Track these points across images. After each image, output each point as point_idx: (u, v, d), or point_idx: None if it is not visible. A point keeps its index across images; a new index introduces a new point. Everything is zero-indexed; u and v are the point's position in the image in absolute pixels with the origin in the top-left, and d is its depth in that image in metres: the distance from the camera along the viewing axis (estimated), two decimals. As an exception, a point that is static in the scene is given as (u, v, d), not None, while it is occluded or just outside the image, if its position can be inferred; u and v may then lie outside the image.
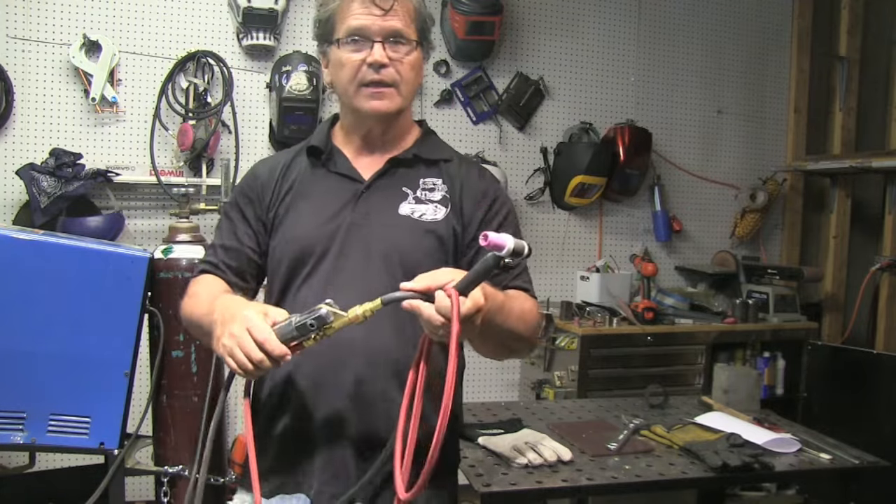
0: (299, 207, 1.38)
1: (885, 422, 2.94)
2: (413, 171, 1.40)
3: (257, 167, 1.47)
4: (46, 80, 2.96)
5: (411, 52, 1.34)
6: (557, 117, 3.66)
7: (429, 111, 3.45)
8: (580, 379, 3.10)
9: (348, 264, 1.33)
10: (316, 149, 1.42)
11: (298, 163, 1.43)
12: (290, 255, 1.36)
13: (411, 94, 1.38)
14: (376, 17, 1.30)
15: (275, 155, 1.54)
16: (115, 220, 2.90)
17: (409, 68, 1.34)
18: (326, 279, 1.33)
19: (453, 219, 1.37)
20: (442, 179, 1.40)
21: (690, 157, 3.89)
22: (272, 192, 1.41)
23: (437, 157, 1.43)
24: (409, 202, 1.37)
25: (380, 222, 1.35)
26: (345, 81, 1.34)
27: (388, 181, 1.38)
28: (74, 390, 1.95)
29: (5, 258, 1.91)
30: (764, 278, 3.70)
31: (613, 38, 3.74)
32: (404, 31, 1.33)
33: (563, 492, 1.79)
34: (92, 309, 1.96)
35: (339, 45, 1.33)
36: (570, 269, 3.71)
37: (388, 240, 1.34)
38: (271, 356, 1.09)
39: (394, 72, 1.32)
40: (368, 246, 1.34)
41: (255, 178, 1.44)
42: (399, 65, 1.33)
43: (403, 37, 1.33)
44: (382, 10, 1.30)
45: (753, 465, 1.84)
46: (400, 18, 1.32)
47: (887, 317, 3.60)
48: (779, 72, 4.02)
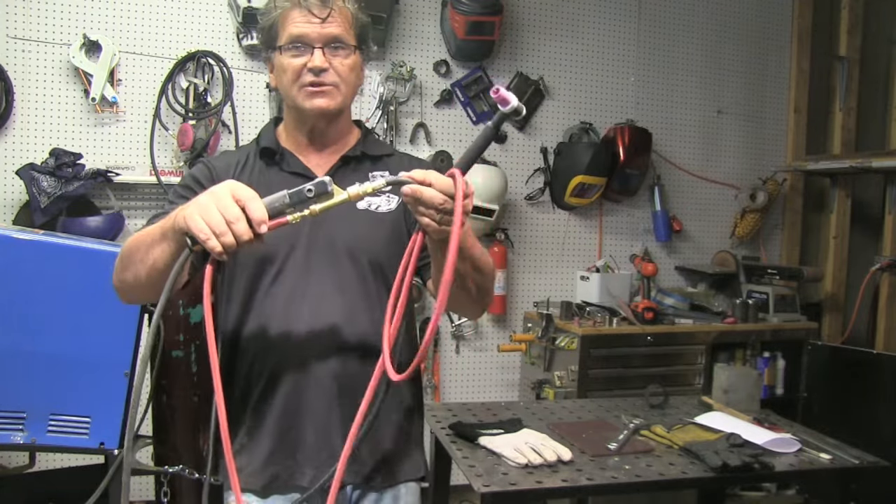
0: None
1: (885, 422, 2.94)
2: (362, 167, 1.48)
3: (210, 161, 1.49)
4: (46, 80, 2.96)
5: (349, 56, 1.40)
6: (557, 117, 3.66)
7: (429, 111, 3.45)
8: (580, 379, 3.10)
9: (316, 260, 1.39)
10: (269, 150, 1.47)
11: (250, 163, 1.47)
12: (256, 255, 1.38)
13: (351, 94, 1.44)
14: (315, 24, 1.36)
15: (223, 154, 1.57)
16: (115, 220, 2.90)
17: (349, 70, 1.40)
18: (297, 276, 1.38)
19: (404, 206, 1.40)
20: (389, 171, 1.46)
21: (690, 157, 3.89)
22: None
23: (381, 152, 1.52)
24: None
25: (340, 217, 1.38)
26: (287, 84, 1.40)
27: (342, 177, 1.42)
28: (74, 390, 1.95)
29: (5, 258, 1.90)
30: (764, 278, 3.70)
31: (613, 38, 3.74)
32: (342, 36, 1.39)
33: (563, 492, 1.79)
34: (92, 309, 1.95)
35: (281, 52, 1.39)
36: (570, 269, 3.71)
37: (351, 233, 1.40)
38: (250, 219, 1.02)
39: (334, 74, 1.39)
40: (333, 241, 1.39)
41: (209, 168, 1.45)
42: (339, 68, 1.39)
43: (342, 42, 1.39)
44: (320, 18, 1.36)
45: (753, 465, 1.84)
46: (338, 24, 1.38)
47: (887, 317, 3.60)
48: (779, 72, 4.02)
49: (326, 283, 1.38)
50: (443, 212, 1.10)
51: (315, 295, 1.37)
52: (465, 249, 1.25)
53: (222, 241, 1.02)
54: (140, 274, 1.23)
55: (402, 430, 1.46)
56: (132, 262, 1.24)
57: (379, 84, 3.32)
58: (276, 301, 1.38)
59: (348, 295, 1.38)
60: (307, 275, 1.38)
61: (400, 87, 3.36)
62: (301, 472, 1.38)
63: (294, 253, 1.39)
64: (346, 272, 1.39)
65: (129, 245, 1.27)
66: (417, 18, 3.43)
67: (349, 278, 1.39)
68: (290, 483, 1.38)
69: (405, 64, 3.35)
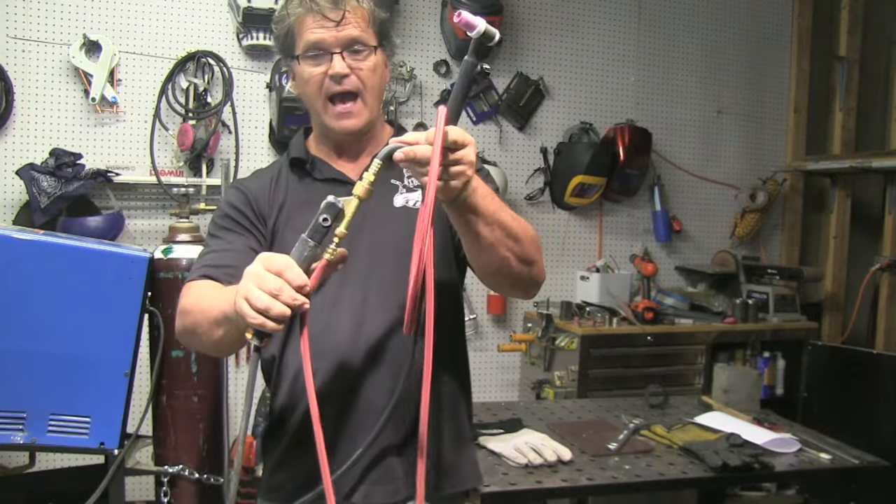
0: (296, 219, 1.36)
1: (885, 422, 2.94)
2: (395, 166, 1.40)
3: (243, 184, 1.45)
4: (46, 80, 2.96)
5: (370, 57, 1.33)
6: (557, 117, 3.66)
7: (429, 111, 3.45)
8: (580, 379, 3.09)
9: (358, 266, 1.32)
10: (299, 160, 1.42)
11: (283, 177, 1.42)
12: None
13: (377, 100, 1.38)
14: (330, 28, 1.30)
15: (255, 174, 1.52)
16: (115, 220, 2.90)
17: (371, 73, 1.34)
18: (339, 284, 1.31)
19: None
20: None
21: (690, 157, 3.89)
22: (268, 204, 1.39)
23: None
24: (401, 193, 1.39)
25: (379, 218, 1.35)
26: (311, 96, 1.35)
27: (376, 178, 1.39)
28: (74, 390, 1.95)
29: (5, 258, 1.90)
30: (764, 278, 3.70)
31: (613, 38, 3.74)
32: (361, 37, 1.32)
33: (563, 492, 1.79)
34: (92, 309, 1.95)
35: (300, 61, 1.34)
36: (570, 269, 3.71)
37: (392, 233, 1.34)
38: (292, 286, 1.01)
39: (356, 80, 1.33)
40: (374, 244, 1.34)
41: (244, 192, 1.41)
42: (360, 72, 1.33)
43: (361, 43, 1.32)
44: (335, 20, 1.30)
45: (753, 465, 1.84)
46: (355, 25, 1.31)
47: (887, 317, 3.60)
48: (779, 72, 4.02)
49: (370, 289, 1.32)
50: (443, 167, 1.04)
51: (357, 303, 1.32)
52: (488, 214, 1.16)
53: (273, 317, 1.00)
54: (207, 344, 1.25)
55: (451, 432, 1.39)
56: (198, 333, 1.24)
57: (379, 84, 3.32)
58: (317, 313, 1.29)
59: (392, 299, 1.31)
60: (348, 284, 1.32)
61: (400, 87, 3.36)
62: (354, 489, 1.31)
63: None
64: (389, 276, 1.32)
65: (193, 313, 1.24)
66: (417, 18, 3.43)
67: (393, 282, 1.31)
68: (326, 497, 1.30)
69: (405, 64, 3.35)
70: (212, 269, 1.30)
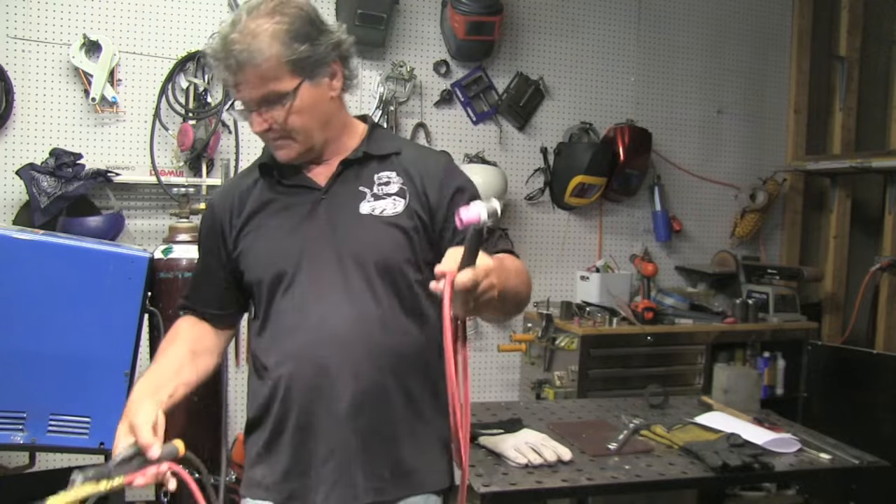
0: (264, 227, 1.42)
1: (885, 422, 2.94)
2: (366, 169, 1.42)
3: (212, 199, 1.52)
4: (46, 80, 2.96)
5: (289, 102, 1.31)
6: (557, 117, 3.66)
7: (429, 111, 3.45)
8: (580, 379, 3.09)
9: (323, 272, 1.36)
10: (267, 166, 1.45)
11: (253, 184, 1.46)
12: (264, 275, 1.40)
13: (316, 130, 1.37)
14: (243, 90, 1.31)
15: (229, 182, 1.56)
16: (115, 220, 2.90)
17: (297, 117, 1.33)
18: (305, 290, 1.37)
19: (415, 208, 1.39)
20: (396, 172, 1.42)
21: (690, 157, 3.90)
22: (229, 222, 1.45)
23: (387, 151, 1.44)
24: (368, 200, 1.40)
25: (344, 225, 1.38)
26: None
27: (344, 183, 1.41)
28: (74, 390, 1.95)
29: (5, 258, 1.90)
30: (764, 278, 3.70)
31: (613, 38, 3.74)
32: (272, 91, 1.30)
33: (563, 492, 1.79)
34: (92, 309, 1.95)
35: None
36: (570, 269, 3.71)
37: (357, 240, 1.37)
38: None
39: (280, 129, 1.34)
40: (339, 250, 1.37)
41: (211, 212, 1.49)
42: (281, 121, 1.32)
43: (274, 94, 1.30)
44: (238, 82, 1.30)
45: (753, 465, 1.84)
46: (260, 84, 1.29)
47: (887, 317, 3.60)
48: (779, 72, 4.02)
49: (334, 293, 1.35)
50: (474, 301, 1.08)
51: (323, 306, 1.35)
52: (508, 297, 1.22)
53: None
54: None
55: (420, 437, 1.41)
56: None
57: (379, 84, 3.32)
58: (286, 316, 1.37)
59: (357, 304, 1.35)
60: (315, 286, 1.36)
61: (400, 87, 3.36)
62: (315, 490, 1.35)
63: (301, 267, 1.37)
64: (353, 280, 1.35)
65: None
66: (417, 18, 3.43)
67: (357, 286, 1.35)
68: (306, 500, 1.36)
69: (405, 64, 3.35)
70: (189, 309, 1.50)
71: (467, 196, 1.40)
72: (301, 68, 1.31)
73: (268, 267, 1.39)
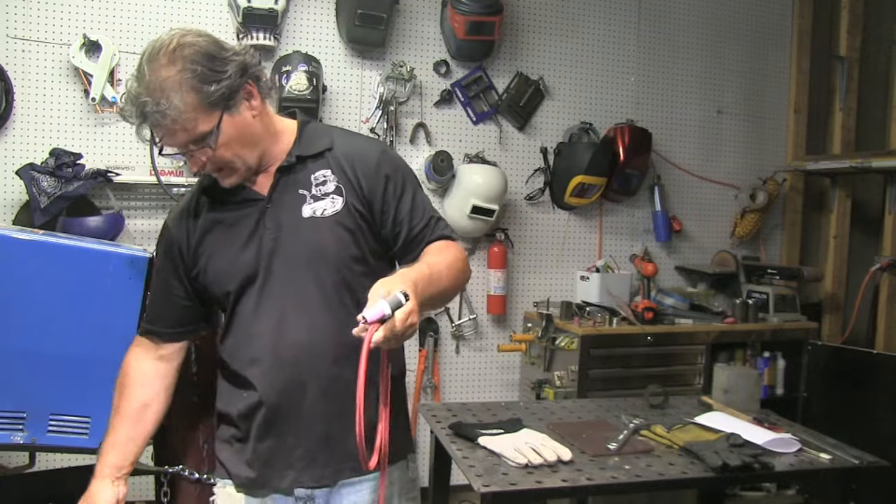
0: (215, 244, 1.47)
1: (885, 422, 2.94)
2: (302, 172, 1.46)
3: (167, 220, 1.56)
4: (46, 80, 2.96)
5: (214, 139, 1.34)
6: (557, 117, 3.66)
7: (429, 111, 3.45)
8: (580, 379, 3.09)
9: (278, 279, 1.42)
10: (210, 186, 1.49)
11: (201, 204, 1.50)
12: (222, 288, 1.46)
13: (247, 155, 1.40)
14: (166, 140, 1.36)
15: (179, 203, 1.60)
16: (115, 220, 2.90)
17: (226, 149, 1.36)
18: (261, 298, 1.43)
19: (353, 203, 1.44)
20: (331, 169, 1.45)
21: (690, 157, 3.89)
22: (185, 241, 1.50)
23: (318, 150, 1.47)
24: (309, 202, 1.44)
25: (291, 230, 1.43)
26: None
27: (285, 189, 1.45)
28: (74, 390, 1.95)
29: (5, 258, 1.90)
30: (764, 278, 3.70)
31: (613, 38, 3.74)
32: (193, 135, 1.33)
33: (563, 492, 1.79)
34: (92, 309, 1.95)
35: None
36: (570, 269, 3.72)
37: (304, 244, 1.42)
38: None
39: (212, 165, 1.39)
40: (290, 256, 1.42)
41: (167, 233, 1.54)
42: (213, 157, 1.37)
43: (195, 139, 1.34)
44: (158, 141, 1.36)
45: (753, 465, 1.84)
46: (184, 129, 1.32)
47: (887, 317, 3.60)
48: (779, 72, 4.02)
49: (290, 296, 1.42)
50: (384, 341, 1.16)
51: (281, 310, 1.42)
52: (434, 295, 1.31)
53: None
54: None
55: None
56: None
57: (379, 84, 3.32)
58: (248, 323, 1.44)
59: (309, 306, 1.42)
60: (272, 292, 1.43)
61: (400, 87, 3.36)
62: (281, 476, 1.44)
63: (258, 275, 1.43)
64: (303, 283, 1.42)
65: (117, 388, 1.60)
66: (417, 18, 3.43)
67: (308, 288, 1.42)
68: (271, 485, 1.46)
69: (405, 64, 3.35)
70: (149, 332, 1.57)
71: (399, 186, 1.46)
72: (216, 105, 1.33)
73: (228, 281, 1.45)
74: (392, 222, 1.46)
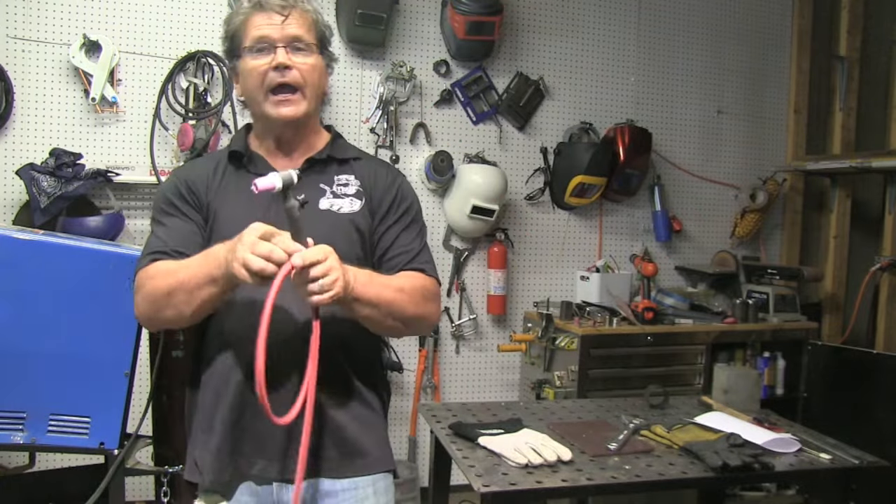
0: (228, 209, 1.46)
1: (885, 422, 2.94)
2: (328, 170, 1.52)
3: (180, 173, 1.53)
4: (46, 80, 2.96)
5: (311, 55, 1.44)
6: (557, 117, 3.66)
7: (429, 111, 3.45)
8: (580, 379, 3.09)
9: None
10: (237, 153, 1.51)
11: (221, 168, 1.51)
12: None
13: (316, 98, 1.48)
14: (277, 25, 1.41)
15: (193, 163, 1.61)
16: (115, 220, 2.90)
17: (312, 70, 1.44)
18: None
19: (368, 209, 1.49)
20: (354, 175, 1.52)
21: (690, 157, 3.90)
22: (205, 190, 1.48)
23: (348, 156, 1.55)
24: (328, 197, 1.48)
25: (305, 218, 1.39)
26: (253, 88, 1.44)
27: (307, 180, 1.45)
28: (74, 390, 1.95)
29: (5, 258, 1.90)
30: (764, 278, 3.70)
31: (613, 38, 3.74)
32: (303, 36, 1.43)
33: (563, 492, 1.79)
34: (92, 309, 1.95)
35: (244, 55, 1.43)
36: (570, 269, 3.72)
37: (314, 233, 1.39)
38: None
39: (298, 75, 1.42)
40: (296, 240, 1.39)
41: (182, 180, 1.50)
42: (301, 67, 1.43)
43: (303, 42, 1.43)
44: (282, 16, 1.41)
45: (753, 465, 1.84)
46: (299, 26, 1.43)
47: (887, 317, 3.60)
48: (779, 72, 4.02)
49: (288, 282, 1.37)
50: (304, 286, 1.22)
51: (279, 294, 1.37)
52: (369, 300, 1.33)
53: (275, 260, 1.20)
54: (185, 312, 1.34)
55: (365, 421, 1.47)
56: (172, 303, 1.33)
57: (379, 84, 3.32)
58: (237, 299, 1.40)
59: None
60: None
61: (400, 87, 3.36)
62: (250, 464, 1.42)
63: None
64: None
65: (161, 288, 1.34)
66: (417, 18, 3.43)
67: None
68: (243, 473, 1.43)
69: (405, 64, 3.35)
70: (160, 255, 1.40)
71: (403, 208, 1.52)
72: (320, 41, 1.47)
73: None
74: (381, 233, 1.50)
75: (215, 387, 1.44)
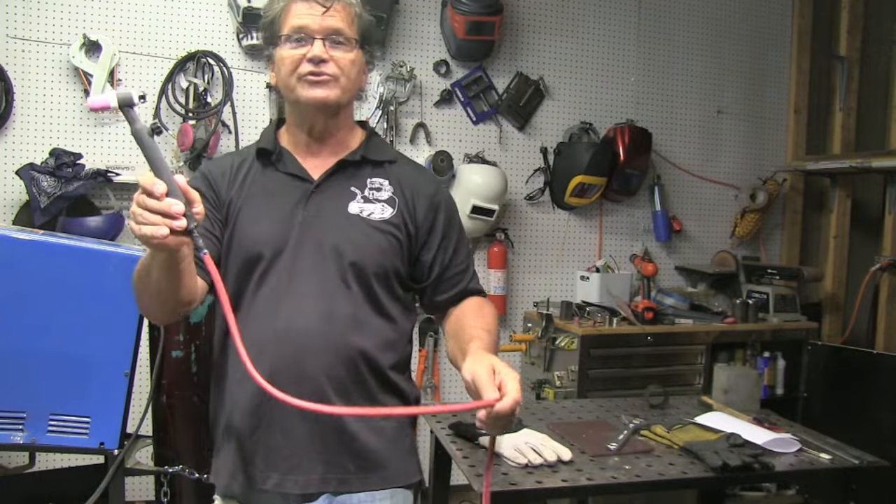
0: (252, 207, 1.41)
1: (885, 422, 2.94)
2: (360, 172, 1.45)
3: (207, 166, 1.49)
4: (46, 80, 2.96)
5: (351, 50, 1.38)
6: (557, 117, 3.66)
7: (429, 111, 3.45)
8: (580, 379, 3.09)
9: (302, 261, 1.37)
10: (265, 150, 1.46)
11: (247, 165, 1.46)
12: (245, 253, 1.39)
13: (352, 89, 1.42)
14: (317, 16, 1.36)
15: (221, 158, 1.56)
16: (115, 220, 2.90)
17: (350, 64, 1.38)
18: (282, 276, 1.37)
19: (403, 218, 1.43)
20: (388, 180, 1.46)
21: (690, 157, 3.89)
22: (227, 187, 1.43)
23: (383, 158, 1.49)
24: (358, 201, 1.42)
25: (330, 220, 1.39)
26: (286, 75, 1.38)
27: (337, 181, 1.43)
28: (74, 390, 1.95)
29: (5, 258, 1.90)
30: (764, 278, 3.70)
31: (613, 38, 3.74)
32: (344, 30, 1.37)
33: (563, 492, 1.79)
34: (92, 309, 1.95)
35: (281, 44, 1.38)
36: (570, 269, 3.71)
37: (339, 237, 1.38)
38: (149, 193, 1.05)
39: (334, 66, 1.36)
40: (320, 243, 1.38)
41: (206, 176, 1.45)
42: (340, 60, 1.37)
43: (343, 35, 1.37)
44: (324, 7, 1.35)
45: (753, 465, 1.84)
46: (340, 19, 1.37)
47: (887, 317, 3.60)
48: (779, 72, 4.02)
49: (309, 285, 1.36)
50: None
51: (296, 297, 1.36)
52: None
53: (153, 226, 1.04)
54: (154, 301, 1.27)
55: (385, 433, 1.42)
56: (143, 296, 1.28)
57: (379, 84, 3.32)
58: (259, 302, 1.37)
59: (329, 298, 1.36)
60: (291, 277, 1.37)
61: (400, 87, 3.36)
62: (264, 477, 1.37)
63: (281, 255, 1.37)
64: (329, 275, 1.37)
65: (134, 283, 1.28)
66: (417, 18, 3.43)
67: (332, 282, 1.37)
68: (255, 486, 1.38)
69: (405, 64, 3.35)
70: None
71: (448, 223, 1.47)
72: (363, 36, 1.41)
73: (249, 246, 1.39)
74: (432, 255, 1.45)
75: (232, 394, 1.40)
